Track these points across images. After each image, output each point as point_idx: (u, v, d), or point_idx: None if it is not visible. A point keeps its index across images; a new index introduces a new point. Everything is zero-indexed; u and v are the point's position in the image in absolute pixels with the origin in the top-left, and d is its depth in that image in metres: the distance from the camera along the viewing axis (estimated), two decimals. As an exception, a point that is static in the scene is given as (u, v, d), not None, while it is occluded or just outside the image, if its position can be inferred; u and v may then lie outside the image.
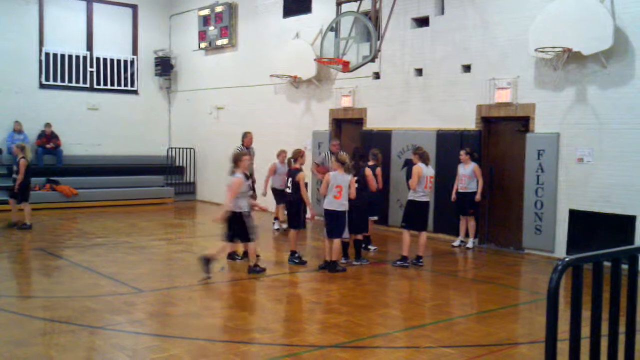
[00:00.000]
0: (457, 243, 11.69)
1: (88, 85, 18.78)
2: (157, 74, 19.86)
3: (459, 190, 11.42)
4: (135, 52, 19.71)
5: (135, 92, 19.72)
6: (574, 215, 10.40)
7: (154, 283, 8.58)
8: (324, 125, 14.90)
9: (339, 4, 12.74)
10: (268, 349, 5.89)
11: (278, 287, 8.60)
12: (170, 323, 6.74)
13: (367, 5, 12.35)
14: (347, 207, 9.24)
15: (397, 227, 11.79)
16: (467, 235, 11.61)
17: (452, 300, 8.26)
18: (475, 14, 11.83)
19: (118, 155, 18.94)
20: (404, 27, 12.97)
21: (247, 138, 12.78)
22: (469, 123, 11.91)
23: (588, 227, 10.18)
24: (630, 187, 9.73)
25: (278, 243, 11.98)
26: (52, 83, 18.09)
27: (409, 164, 10.89)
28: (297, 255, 9.79)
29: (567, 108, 10.51)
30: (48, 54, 17.98)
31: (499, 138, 11.80)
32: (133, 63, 19.62)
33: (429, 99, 12.64)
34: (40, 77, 17.92)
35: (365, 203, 9.83)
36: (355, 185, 9.58)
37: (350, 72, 12.63)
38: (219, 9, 17.60)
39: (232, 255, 9.91)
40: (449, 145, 12.00)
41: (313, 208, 10.57)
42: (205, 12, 18.06)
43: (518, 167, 11.23)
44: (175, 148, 19.43)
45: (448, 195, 11.63)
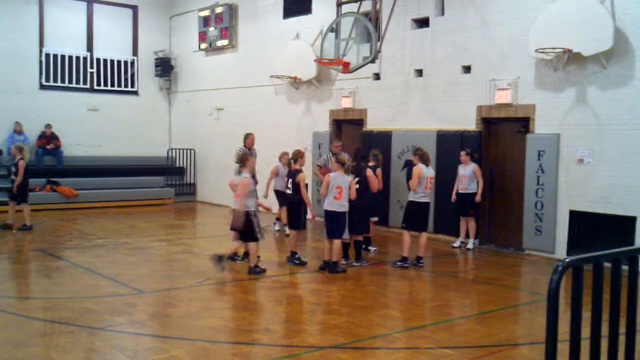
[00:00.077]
0: (457, 244, 11.69)
1: (88, 86, 18.78)
2: (157, 75, 19.87)
3: (459, 191, 11.42)
4: (136, 53, 19.72)
5: (136, 93, 19.73)
6: (574, 216, 10.40)
7: (154, 284, 8.58)
8: (324, 126, 14.90)
9: (339, 5, 12.75)
10: (268, 350, 5.90)
11: (278, 288, 8.60)
12: (171, 324, 6.75)
13: (367, 6, 12.35)
14: (347, 208, 9.24)
15: (397, 228, 11.79)
16: (467, 236, 11.61)
17: (452, 301, 8.25)
18: (476, 15, 11.83)
19: (118, 156, 18.94)
20: (404, 28, 12.98)
21: (249, 139, 12.77)
22: (469, 124, 11.91)
23: (588, 228, 10.18)
24: (631, 188, 9.73)
25: (278, 244, 11.98)
26: (52, 84, 18.10)
27: (409, 165, 10.89)
28: (297, 256, 9.79)
29: (567, 109, 10.52)
30: (48, 55, 17.99)
31: (499, 139, 11.80)
32: (133, 64, 19.62)
33: (429, 100, 12.64)
34: (41, 78, 17.93)
35: (366, 204, 9.83)
36: (357, 186, 9.60)
37: (351, 73, 12.64)
38: (219, 10, 17.61)
39: (232, 256, 9.91)
40: (449, 146, 12.00)
41: (313, 209, 10.57)
42: (206, 13, 18.07)
43: (518, 168, 11.23)
44: (176, 149, 19.44)
45: (448, 196, 11.63)
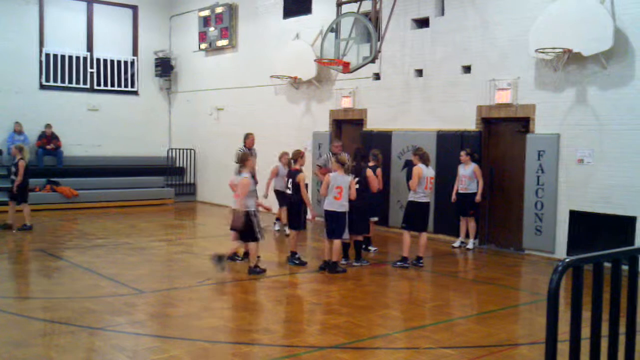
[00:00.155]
0: (457, 244, 11.68)
1: (88, 86, 18.78)
2: (157, 75, 19.87)
3: (459, 191, 11.42)
4: (136, 53, 19.72)
5: (136, 93, 19.73)
6: (574, 216, 10.40)
7: (154, 284, 8.59)
8: (324, 126, 14.90)
9: (339, 5, 12.75)
10: (268, 350, 5.90)
11: (278, 288, 8.60)
12: (171, 324, 6.75)
13: (367, 6, 12.35)
14: (347, 208, 9.24)
15: (397, 228, 11.79)
16: (467, 236, 11.61)
17: (452, 301, 8.25)
18: (476, 15, 11.83)
19: (118, 156, 18.94)
20: (404, 28, 12.98)
21: (249, 139, 12.75)
22: (469, 124, 11.91)
23: (588, 228, 10.18)
24: (631, 188, 9.73)
25: (278, 244, 11.98)
26: (52, 84, 18.10)
27: (409, 165, 10.89)
28: (297, 256, 9.78)
29: (567, 109, 10.52)
30: (48, 55, 17.98)
31: (499, 139, 11.80)
32: (133, 64, 19.62)
33: (429, 100, 12.64)
34: (41, 78, 17.93)
35: (366, 204, 9.83)
36: (357, 186, 9.60)
37: (351, 73, 12.64)
38: (219, 10, 17.61)
39: (232, 257, 9.92)
40: (449, 146, 12.00)
41: (313, 209, 10.57)
42: (206, 13, 18.07)
43: (518, 168, 11.23)
44: (176, 149, 19.44)
45: (448, 196, 11.63)
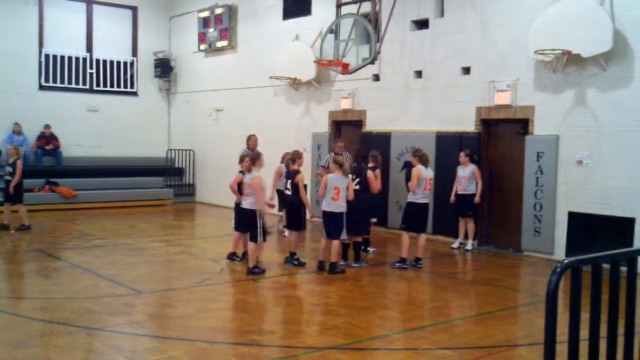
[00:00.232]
0: (456, 245, 11.68)
1: (88, 87, 18.77)
2: (156, 76, 19.87)
3: (458, 192, 11.42)
4: (135, 53, 19.72)
5: (135, 93, 19.73)
6: (573, 218, 10.40)
7: (153, 284, 8.58)
8: (324, 127, 14.91)
9: (339, 6, 12.75)
10: (267, 351, 5.90)
11: (277, 288, 8.60)
12: (169, 324, 6.74)
13: (366, 8, 12.36)
14: (345, 208, 9.23)
15: (396, 229, 11.79)
16: (466, 237, 11.61)
17: (451, 302, 8.25)
18: (475, 17, 11.84)
19: (117, 157, 18.93)
20: (404, 29, 12.99)
21: (251, 140, 12.70)
22: (469, 125, 11.91)
23: (587, 229, 10.18)
24: (629, 189, 9.74)
25: (278, 244, 11.96)
26: (51, 84, 18.09)
27: (409, 166, 10.88)
28: (296, 257, 9.78)
29: (566, 110, 10.52)
30: (48, 56, 17.98)
31: (499, 140, 11.81)
32: (133, 65, 19.62)
33: (429, 101, 12.64)
34: (40, 78, 17.92)
35: (366, 205, 9.83)
36: (357, 187, 9.60)
37: (350, 74, 12.64)
38: (219, 11, 17.61)
39: (231, 256, 9.92)
40: (449, 147, 12.01)
41: (312, 210, 10.56)
42: (205, 14, 18.07)
43: (517, 169, 11.23)
44: (175, 150, 19.44)
45: (447, 197, 11.63)
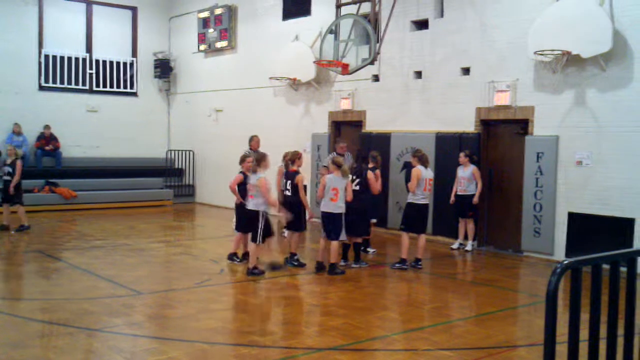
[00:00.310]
0: (456, 245, 11.68)
1: (87, 87, 18.77)
2: (156, 76, 19.86)
3: (458, 193, 11.42)
4: (135, 54, 19.72)
5: (135, 94, 19.72)
6: (573, 218, 10.40)
7: (153, 285, 8.58)
8: (323, 128, 14.90)
9: (339, 7, 12.75)
10: (266, 352, 5.89)
11: (277, 289, 8.59)
12: (169, 325, 6.74)
13: (366, 8, 12.35)
14: (343, 209, 9.22)
15: (396, 229, 11.78)
16: (466, 238, 11.61)
17: (450, 303, 8.25)
18: (475, 17, 11.84)
19: (117, 158, 18.93)
20: (404, 29, 12.98)
21: (253, 141, 12.66)
22: (468, 126, 11.91)
23: (587, 229, 10.18)
24: (629, 189, 9.73)
25: (277, 245, 11.95)
26: (51, 85, 18.08)
27: (408, 167, 10.88)
28: (296, 258, 9.77)
29: (566, 111, 10.52)
30: (47, 56, 17.97)
31: (498, 141, 11.81)
32: (132, 65, 19.62)
33: (428, 102, 12.64)
34: (40, 79, 17.92)
35: (366, 206, 9.82)
36: (357, 188, 9.59)
37: (350, 74, 12.63)
38: (219, 12, 17.61)
39: (232, 257, 9.92)
40: (448, 148, 12.00)
41: (311, 210, 10.55)
42: (205, 14, 18.07)
43: (517, 169, 11.23)
44: (174, 150, 19.43)
45: (447, 198, 11.62)
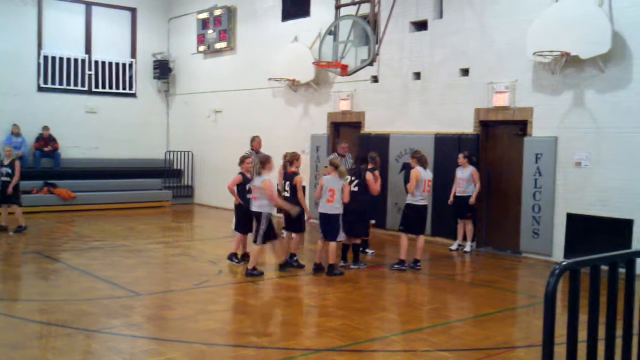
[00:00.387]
0: (454, 246, 11.67)
1: (86, 88, 18.77)
2: (155, 77, 19.85)
3: (457, 194, 11.41)
4: (134, 55, 19.71)
5: (134, 95, 19.72)
6: (572, 219, 10.40)
7: (151, 286, 8.57)
8: (322, 129, 14.90)
9: (338, 8, 12.75)
10: (265, 353, 5.88)
11: (275, 290, 8.59)
12: (167, 326, 6.73)
13: (365, 9, 12.35)
14: (340, 210, 9.22)
15: (394, 230, 11.78)
16: (464, 239, 11.61)
17: (449, 304, 8.25)
18: (474, 18, 11.85)
19: (116, 159, 18.92)
20: (403, 30, 12.99)
21: (255, 142, 12.62)
22: (467, 127, 11.91)
23: (585, 230, 10.18)
24: (628, 190, 9.73)
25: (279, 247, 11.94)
26: (50, 86, 18.07)
27: (407, 168, 10.89)
28: (295, 259, 9.77)
29: (565, 112, 10.52)
30: (46, 57, 17.97)
31: (497, 142, 11.81)
32: (131, 66, 19.61)
33: (427, 103, 12.64)
34: (39, 80, 17.91)
35: (365, 206, 9.82)
36: (355, 189, 9.59)
37: (349, 75, 12.62)
38: (218, 13, 17.61)
39: (231, 257, 9.91)
40: (447, 149, 12.00)
41: (309, 212, 10.55)
42: (204, 15, 18.07)
43: (516, 170, 11.23)
44: (173, 151, 19.43)
45: (446, 199, 11.62)
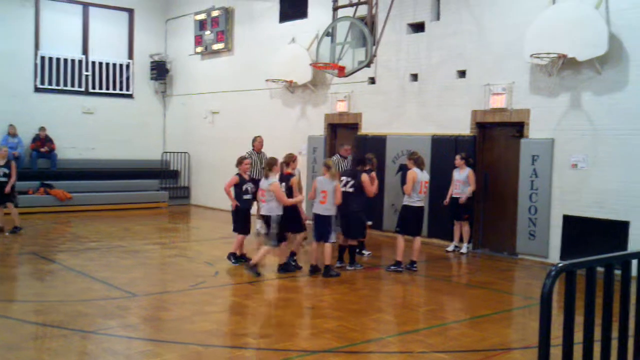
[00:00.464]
0: (451, 248, 11.68)
1: (83, 89, 18.75)
2: (152, 78, 19.84)
3: (454, 195, 11.42)
4: (131, 56, 19.69)
5: (131, 96, 19.69)
6: (568, 221, 10.41)
7: (148, 287, 8.55)
8: (320, 130, 14.90)
9: (335, 9, 12.77)
10: (261, 354, 5.89)
11: (272, 291, 8.59)
12: (164, 328, 6.72)
13: (363, 11, 12.38)
14: (333, 211, 9.22)
15: (391, 232, 11.78)
16: (461, 240, 11.62)
17: (445, 305, 8.24)
18: (471, 20, 11.86)
19: (112, 159, 18.89)
20: (400, 32, 13.00)
21: (256, 142, 12.54)
22: (464, 128, 11.92)
23: (582, 232, 10.19)
24: (624, 193, 9.75)
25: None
26: (47, 87, 18.04)
27: (404, 169, 10.89)
28: (294, 259, 9.74)
29: (561, 114, 10.54)
30: (43, 58, 17.94)
31: (494, 143, 11.82)
32: (129, 67, 19.60)
33: (424, 104, 12.65)
34: (36, 80, 17.88)
35: (361, 208, 9.81)
36: (351, 190, 9.59)
37: (346, 77, 12.64)
38: (215, 14, 17.61)
39: (229, 257, 9.90)
40: (444, 151, 12.01)
41: (304, 212, 10.55)
42: (202, 16, 18.06)
43: (512, 172, 11.24)
44: (170, 152, 19.41)
45: (442, 201, 11.63)
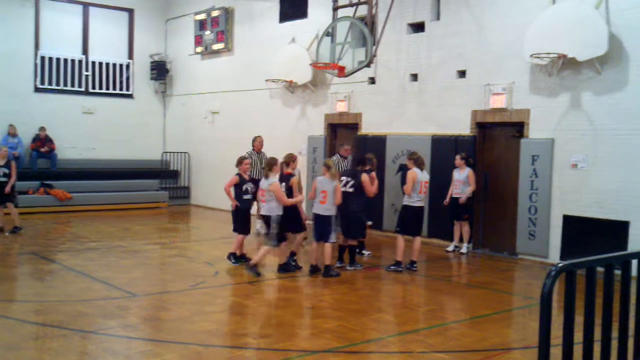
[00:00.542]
0: (451, 248, 11.68)
1: (83, 89, 18.75)
2: (152, 78, 19.84)
3: (454, 195, 11.42)
4: (131, 56, 19.69)
5: (131, 96, 19.69)
6: (568, 221, 10.41)
7: (148, 287, 8.55)
8: (320, 130, 14.90)
9: (335, 9, 12.77)
10: (261, 354, 5.89)
11: (272, 291, 8.59)
12: (164, 328, 6.72)
13: (363, 11, 12.38)
14: (332, 211, 9.22)
15: (391, 232, 11.78)
16: (461, 240, 11.62)
17: (445, 305, 8.24)
18: (471, 20, 11.86)
19: (112, 159, 18.90)
20: (400, 32, 13.00)
21: (257, 142, 12.50)
22: (464, 128, 11.92)
23: (582, 232, 10.19)
24: (624, 192, 9.75)
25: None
26: (47, 87, 18.04)
27: (404, 169, 10.90)
28: (294, 259, 9.75)
29: (561, 114, 10.54)
30: (43, 58, 17.94)
31: (494, 143, 11.82)
32: (129, 67, 19.60)
33: (424, 104, 12.65)
34: (36, 80, 17.88)
35: (361, 208, 9.81)
36: (351, 190, 9.59)
37: (346, 77, 12.64)
38: (215, 14, 17.61)
39: (229, 256, 9.91)
40: (444, 151, 12.01)
41: (304, 212, 10.56)
42: (202, 16, 18.06)
43: (512, 172, 11.24)
44: (170, 152, 19.41)
45: (442, 200, 11.63)
